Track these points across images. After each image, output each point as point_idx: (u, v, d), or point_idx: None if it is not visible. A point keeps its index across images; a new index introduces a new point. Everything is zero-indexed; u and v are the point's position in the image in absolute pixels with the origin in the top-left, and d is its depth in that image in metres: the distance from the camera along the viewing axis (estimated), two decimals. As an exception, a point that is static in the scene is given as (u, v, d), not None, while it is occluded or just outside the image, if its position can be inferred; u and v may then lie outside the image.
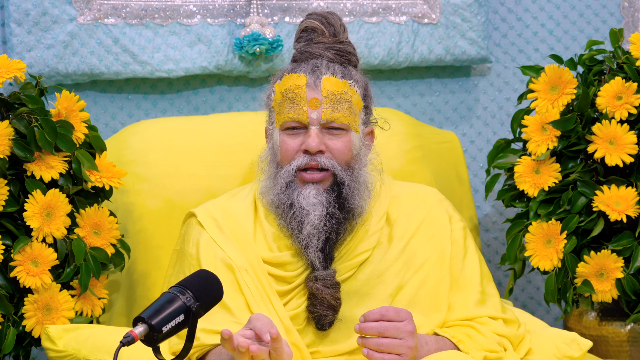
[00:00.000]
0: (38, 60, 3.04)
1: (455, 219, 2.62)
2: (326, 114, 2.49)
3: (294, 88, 2.50)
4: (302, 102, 2.49)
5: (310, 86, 2.50)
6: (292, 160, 2.51)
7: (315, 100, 2.50)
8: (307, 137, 2.50)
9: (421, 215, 2.59)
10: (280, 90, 2.54)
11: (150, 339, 2.09)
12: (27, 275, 2.64)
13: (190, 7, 3.15)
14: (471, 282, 2.55)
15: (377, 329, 2.34)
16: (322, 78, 2.50)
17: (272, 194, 2.53)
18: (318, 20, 2.60)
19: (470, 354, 2.41)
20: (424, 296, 2.52)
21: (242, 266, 2.51)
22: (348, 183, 2.51)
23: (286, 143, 2.52)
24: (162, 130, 2.98)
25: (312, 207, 2.49)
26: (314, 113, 2.49)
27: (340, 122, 2.50)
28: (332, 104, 2.50)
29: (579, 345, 2.52)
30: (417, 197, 2.63)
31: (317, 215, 2.48)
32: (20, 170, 2.69)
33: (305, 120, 2.49)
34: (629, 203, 2.84)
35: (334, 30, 2.60)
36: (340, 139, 2.52)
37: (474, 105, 3.42)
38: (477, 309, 2.52)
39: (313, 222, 2.48)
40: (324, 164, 2.50)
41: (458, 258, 2.57)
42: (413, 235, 2.57)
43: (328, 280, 2.50)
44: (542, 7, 3.44)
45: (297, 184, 2.51)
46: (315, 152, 2.49)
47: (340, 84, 2.52)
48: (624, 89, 2.86)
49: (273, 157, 2.56)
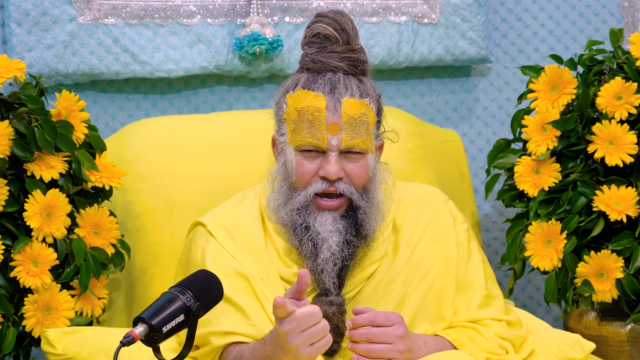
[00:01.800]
0: (38, 60, 3.04)
1: (459, 221, 2.60)
2: (346, 141, 2.42)
3: (312, 110, 2.43)
4: (321, 127, 2.42)
5: (330, 109, 2.42)
6: (307, 185, 2.45)
7: (335, 125, 2.42)
8: (327, 163, 2.43)
9: (426, 219, 2.56)
10: (295, 106, 2.45)
11: (150, 339, 2.10)
12: (27, 275, 2.64)
13: (190, 7, 3.15)
14: (475, 285, 2.53)
15: (366, 335, 2.32)
16: (342, 101, 2.43)
17: (283, 212, 2.47)
18: (331, 26, 2.50)
19: (473, 356, 2.40)
20: (430, 304, 2.49)
21: (257, 275, 2.45)
22: (363, 208, 2.46)
23: (303, 166, 2.45)
24: (163, 129, 2.98)
25: (330, 234, 2.44)
26: (334, 139, 2.42)
27: (359, 147, 2.44)
28: (352, 129, 2.43)
29: (582, 347, 2.51)
30: (421, 200, 2.59)
31: (335, 241, 2.43)
32: (20, 170, 2.70)
33: (325, 147, 2.42)
34: (629, 203, 2.84)
35: (348, 37, 2.50)
36: (358, 163, 2.46)
37: (474, 105, 3.42)
38: (479, 312, 2.51)
39: (332, 248, 2.43)
40: (342, 190, 2.44)
41: (462, 262, 2.55)
42: (419, 241, 2.54)
43: (341, 306, 2.45)
44: (542, 7, 3.44)
45: (312, 209, 2.45)
46: (335, 179, 2.43)
47: (359, 105, 2.44)
48: (624, 89, 2.86)
49: (286, 176, 2.48)
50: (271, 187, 2.52)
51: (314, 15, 2.54)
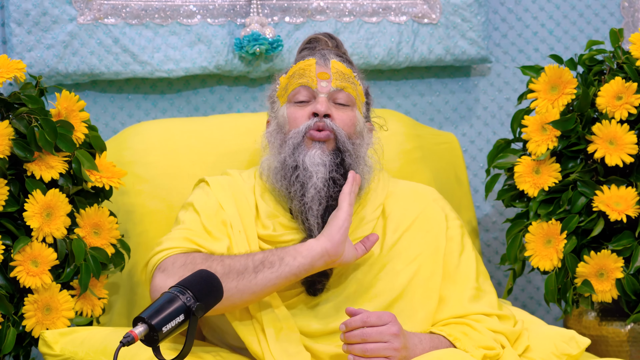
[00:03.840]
0: (38, 60, 3.04)
1: (452, 217, 2.65)
2: (335, 82, 2.58)
3: (302, 66, 2.61)
4: (311, 74, 2.59)
5: (319, 64, 2.61)
6: (300, 125, 2.57)
7: (324, 74, 2.59)
8: (316, 103, 2.57)
9: (416, 212, 2.62)
10: (287, 76, 2.63)
11: (150, 339, 2.10)
12: (27, 275, 2.64)
13: (190, 7, 3.15)
14: (466, 278, 2.57)
15: (360, 336, 2.35)
16: (330, 60, 2.61)
17: (276, 161, 2.57)
18: (321, 34, 2.74)
19: (469, 352, 2.42)
20: (415, 287, 2.53)
21: (237, 227, 2.55)
22: (350, 152, 2.55)
23: (295, 112, 2.58)
24: (163, 131, 2.98)
25: (316, 168, 2.52)
26: (323, 82, 2.58)
27: (348, 91, 2.59)
28: (341, 78, 2.59)
29: (577, 343, 2.53)
30: (413, 194, 2.66)
31: (320, 177, 2.52)
32: (20, 170, 2.70)
33: (315, 86, 2.57)
34: (629, 203, 2.84)
35: (337, 43, 2.73)
36: (346, 112, 2.59)
37: (474, 105, 3.42)
38: (471, 305, 2.53)
39: (317, 185, 2.52)
40: (330, 125, 2.55)
41: (454, 254, 2.59)
42: (407, 229, 2.59)
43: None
44: (542, 7, 3.44)
45: (304, 147, 2.55)
46: (324, 115, 2.55)
47: (346, 68, 2.62)
48: (624, 89, 2.86)
49: (279, 130, 2.61)
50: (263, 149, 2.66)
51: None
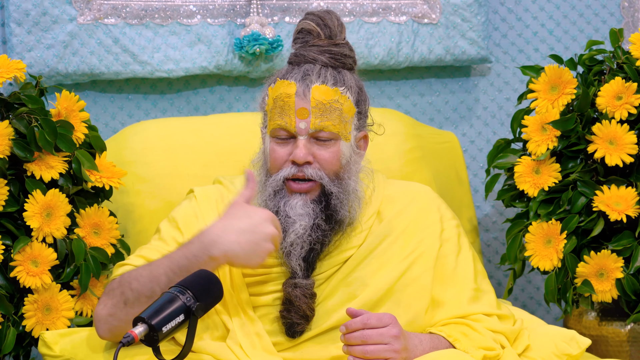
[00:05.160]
0: (38, 60, 3.04)
1: (447, 217, 2.61)
2: (314, 124, 2.47)
3: (283, 96, 2.49)
4: (290, 112, 2.47)
5: (299, 95, 2.47)
6: (279, 170, 2.49)
7: (303, 110, 2.47)
8: (295, 147, 2.48)
9: (412, 214, 2.59)
10: (272, 95, 2.52)
11: (150, 339, 2.10)
12: (27, 275, 2.64)
13: (190, 7, 3.15)
14: (465, 279, 2.55)
15: (360, 338, 2.34)
16: (311, 87, 2.48)
17: (260, 199, 2.52)
18: (314, 22, 2.57)
19: (469, 353, 2.41)
20: (403, 286, 2.52)
21: None
22: (336, 194, 2.49)
23: (275, 152, 2.51)
24: (162, 130, 2.98)
25: (299, 217, 2.47)
26: (302, 123, 2.47)
27: (328, 130, 2.48)
28: (321, 113, 2.47)
29: (577, 343, 2.52)
30: (409, 196, 2.62)
31: (302, 225, 2.47)
32: (20, 170, 2.70)
33: (293, 129, 2.47)
34: (629, 203, 2.84)
35: (330, 32, 2.56)
36: (329, 149, 2.49)
37: (474, 105, 3.42)
38: (470, 306, 2.52)
39: (297, 232, 2.47)
40: (310, 175, 2.48)
41: (451, 256, 2.57)
42: (402, 232, 2.57)
43: (307, 289, 2.48)
44: (542, 7, 3.44)
45: (285, 193, 2.49)
46: (303, 163, 2.47)
47: (330, 92, 2.49)
48: (624, 89, 2.86)
49: (264, 163, 2.55)
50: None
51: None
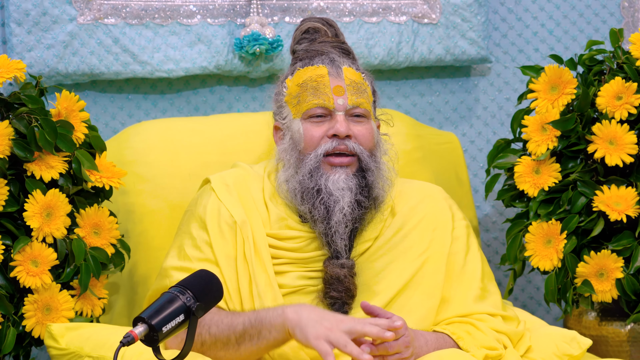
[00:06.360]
0: (38, 60, 3.04)
1: (459, 217, 2.65)
2: (352, 100, 2.54)
3: (315, 77, 2.55)
4: (326, 90, 2.54)
5: (332, 75, 2.55)
6: (317, 147, 2.53)
7: (339, 87, 2.54)
8: (335, 122, 2.53)
9: (424, 210, 2.62)
10: (296, 83, 2.57)
11: (150, 339, 2.10)
12: (27, 275, 2.64)
13: (190, 7, 3.15)
14: (472, 278, 2.57)
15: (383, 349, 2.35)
16: (342, 67, 2.56)
17: (293, 181, 2.54)
18: (319, 22, 2.67)
19: (471, 352, 2.42)
20: (417, 283, 2.54)
21: (243, 221, 2.53)
22: (373, 169, 2.54)
23: (311, 130, 2.54)
24: (163, 130, 2.98)
25: (341, 193, 2.50)
26: (339, 99, 2.54)
27: (364, 107, 2.55)
28: (355, 91, 2.55)
29: (578, 344, 2.53)
30: (421, 193, 2.65)
31: (347, 202, 2.50)
32: (20, 170, 2.70)
33: (332, 106, 2.53)
34: (629, 203, 2.84)
35: (335, 31, 2.67)
36: (364, 125, 2.56)
37: (474, 105, 3.42)
38: (476, 305, 2.54)
39: (344, 209, 2.50)
40: (352, 148, 2.53)
41: (460, 254, 2.59)
42: (414, 227, 2.59)
43: (352, 269, 2.52)
44: (542, 7, 3.44)
45: (323, 170, 2.52)
46: (344, 136, 2.52)
47: (357, 74, 2.59)
48: (624, 89, 2.86)
49: (294, 147, 2.57)
50: (276, 169, 2.60)
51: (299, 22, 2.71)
